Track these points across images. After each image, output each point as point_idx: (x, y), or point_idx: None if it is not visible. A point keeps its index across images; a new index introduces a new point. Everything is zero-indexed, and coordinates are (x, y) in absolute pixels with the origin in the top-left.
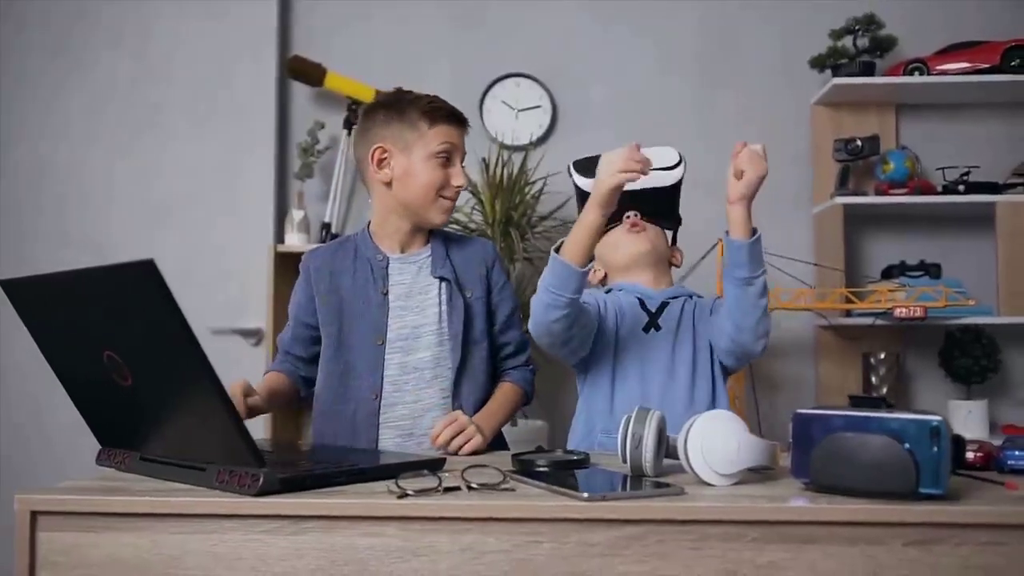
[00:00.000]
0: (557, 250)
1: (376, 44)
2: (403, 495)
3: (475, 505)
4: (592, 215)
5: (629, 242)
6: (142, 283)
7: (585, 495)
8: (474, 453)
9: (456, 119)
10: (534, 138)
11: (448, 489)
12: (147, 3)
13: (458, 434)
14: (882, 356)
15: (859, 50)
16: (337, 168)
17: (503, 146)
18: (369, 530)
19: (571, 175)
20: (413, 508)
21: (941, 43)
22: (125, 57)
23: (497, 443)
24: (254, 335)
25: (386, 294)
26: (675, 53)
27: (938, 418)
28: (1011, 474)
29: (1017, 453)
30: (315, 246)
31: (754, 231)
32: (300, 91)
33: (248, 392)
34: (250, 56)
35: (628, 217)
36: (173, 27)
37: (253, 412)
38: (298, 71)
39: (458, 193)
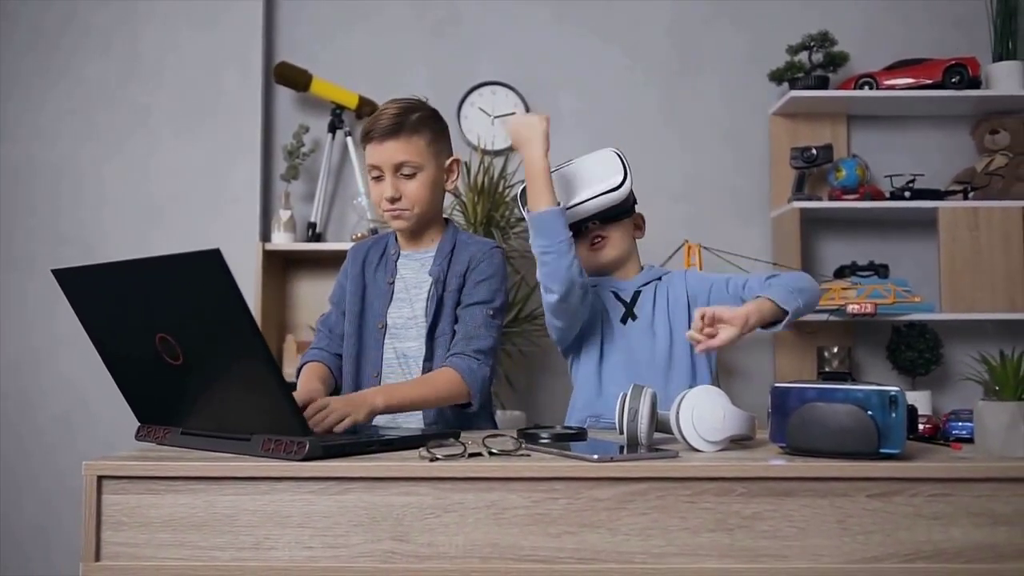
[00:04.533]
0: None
1: (358, 52)
2: (434, 459)
3: (497, 467)
4: (540, 160)
5: (594, 258)
6: (209, 270)
7: (595, 456)
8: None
9: (382, 135)
10: (509, 143)
11: (472, 455)
12: (136, 10)
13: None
14: (835, 350)
15: (814, 65)
16: (322, 170)
17: (484, 152)
18: (405, 490)
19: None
20: (443, 470)
21: (889, 60)
22: (115, 61)
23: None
24: None
25: (391, 284)
26: (642, 65)
27: (896, 389)
28: (956, 442)
29: (960, 423)
30: (300, 245)
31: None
32: (285, 96)
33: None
34: (237, 62)
35: (588, 228)
36: (162, 33)
37: None
38: (285, 76)
39: (394, 202)
